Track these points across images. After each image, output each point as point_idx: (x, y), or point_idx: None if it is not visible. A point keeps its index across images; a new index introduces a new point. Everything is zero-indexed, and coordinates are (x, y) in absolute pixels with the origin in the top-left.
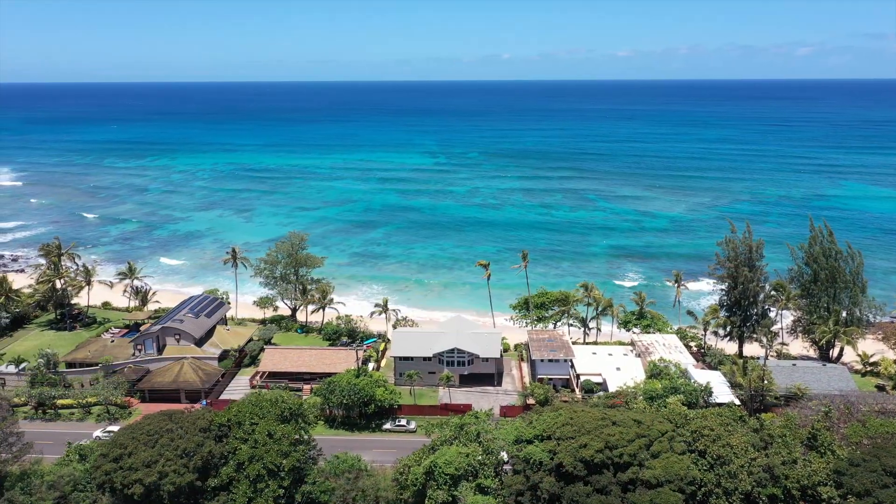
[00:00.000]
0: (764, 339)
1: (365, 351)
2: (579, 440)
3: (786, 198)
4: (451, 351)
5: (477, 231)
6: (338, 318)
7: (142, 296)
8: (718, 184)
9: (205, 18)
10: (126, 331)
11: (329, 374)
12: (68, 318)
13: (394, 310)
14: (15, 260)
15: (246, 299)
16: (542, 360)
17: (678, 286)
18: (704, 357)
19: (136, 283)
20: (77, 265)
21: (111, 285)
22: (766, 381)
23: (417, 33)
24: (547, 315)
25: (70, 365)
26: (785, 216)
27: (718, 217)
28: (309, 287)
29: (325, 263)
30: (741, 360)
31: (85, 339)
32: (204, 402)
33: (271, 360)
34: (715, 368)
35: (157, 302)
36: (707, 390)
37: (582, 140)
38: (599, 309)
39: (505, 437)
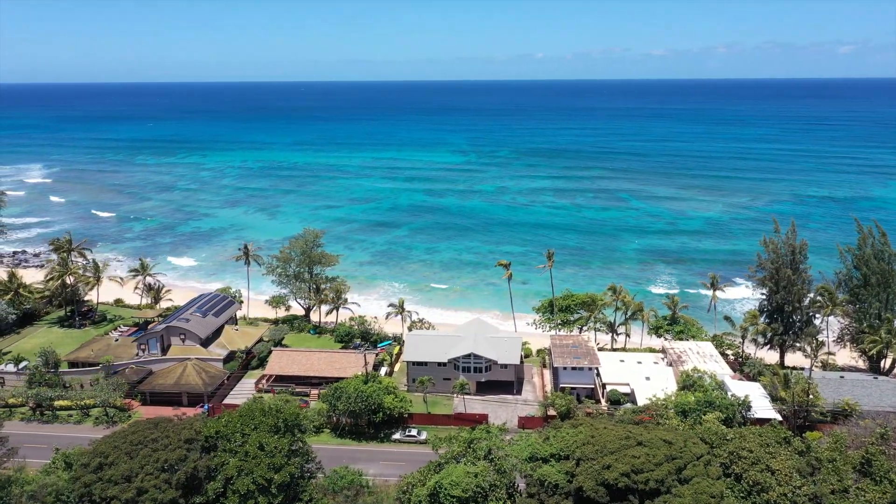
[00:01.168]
0: (808, 349)
1: (378, 355)
2: (601, 461)
3: (829, 198)
4: (468, 356)
5: (504, 230)
6: (351, 318)
7: (154, 293)
8: (757, 184)
9: (242, 20)
10: (135, 329)
11: (339, 379)
12: (78, 315)
13: (410, 311)
14: (36, 255)
15: (259, 298)
16: (564, 368)
17: (714, 290)
18: (742, 367)
19: (148, 279)
20: (87, 261)
21: (121, 282)
22: (811, 396)
23: (451, 33)
24: (572, 319)
25: (72, 364)
26: (828, 217)
27: (757, 218)
28: (323, 286)
29: (346, 262)
30: (783, 371)
31: (92, 337)
32: (206, 406)
33: (278, 362)
34: (754, 380)
35: (170, 300)
36: (745, 404)
37: (615, 139)
38: (629, 313)
39: (519, 454)
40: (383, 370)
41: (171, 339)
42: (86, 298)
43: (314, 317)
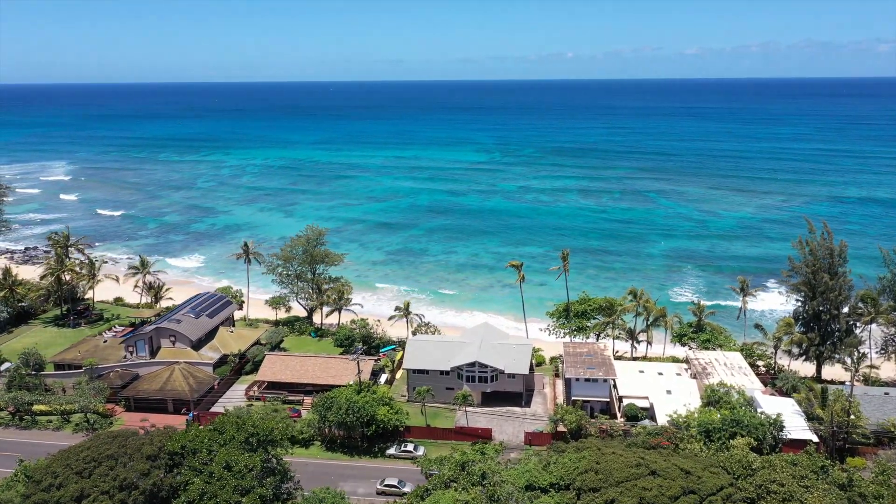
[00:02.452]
0: (848, 361)
1: (379, 360)
2: (605, 494)
3: (869, 199)
4: (472, 365)
5: (524, 230)
6: (352, 321)
7: (154, 292)
8: (792, 184)
9: (275, 21)
10: (130, 330)
11: (334, 387)
12: (73, 314)
13: (416, 314)
14: (47, 252)
15: (262, 298)
16: (577, 379)
17: (744, 295)
18: (774, 380)
19: (148, 278)
20: (84, 258)
21: (118, 279)
22: (852, 416)
23: (484, 33)
24: (588, 325)
25: (58, 367)
26: (868, 219)
27: (791, 219)
28: (325, 286)
29: (359, 261)
30: (819, 386)
31: (86, 336)
32: (190, 414)
33: (271, 368)
34: (787, 395)
35: (171, 299)
36: (777, 424)
37: (645, 137)
38: (650, 319)
39: (516, 480)
40: (384, 377)
41: (161, 341)
42: (87, 297)
43: (316, 319)
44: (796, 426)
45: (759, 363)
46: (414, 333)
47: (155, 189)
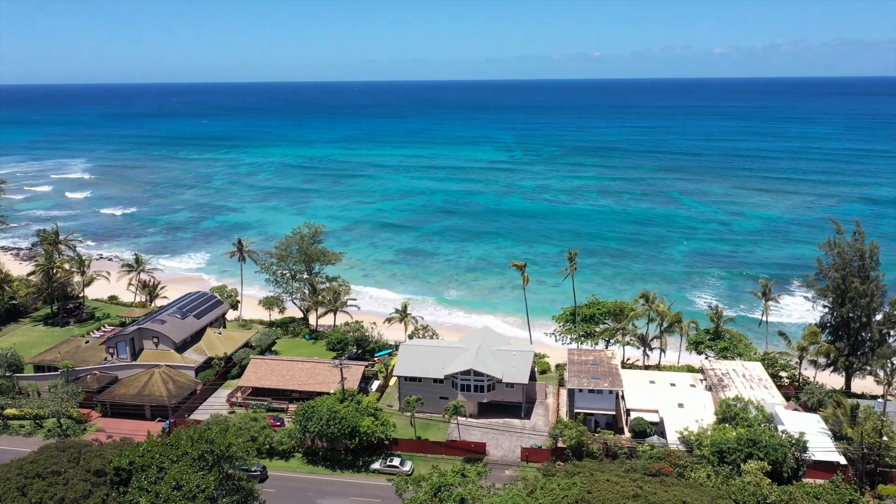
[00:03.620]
0: (881, 374)
1: (372, 365)
2: None
3: None
4: (467, 373)
5: (540, 229)
6: (345, 324)
7: (148, 290)
8: (822, 184)
9: (302, 21)
10: (119, 329)
11: (323, 394)
12: (63, 312)
13: (416, 316)
14: (73, 249)
15: (259, 298)
16: (580, 390)
17: (766, 300)
18: (798, 393)
19: (143, 276)
20: (74, 254)
21: (108, 276)
22: (885, 437)
23: (507, 32)
24: (597, 330)
25: (38, 368)
26: None
27: (821, 220)
28: (320, 286)
29: (367, 260)
30: (849, 402)
31: (70, 336)
32: (168, 421)
33: (255, 373)
34: (813, 410)
35: (166, 297)
36: (800, 444)
37: (669, 136)
38: (664, 325)
39: None
40: (376, 384)
41: (144, 342)
42: (83, 294)
43: (312, 320)
44: (822, 447)
45: (783, 373)
46: (410, 337)
47: (169, 186)
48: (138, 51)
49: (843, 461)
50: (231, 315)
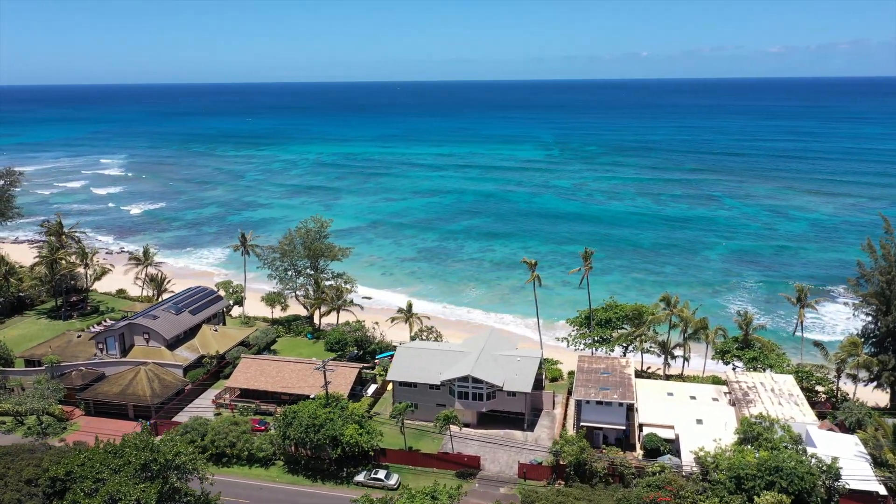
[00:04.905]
0: None
1: (373, 368)
2: None
3: None
4: (464, 379)
5: (572, 228)
6: (346, 323)
7: (156, 284)
8: (876, 186)
9: (350, 23)
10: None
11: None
12: (66, 305)
13: (419, 316)
14: (77, 242)
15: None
16: (587, 402)
17: (801, 306)
18: (835, 411)
19: (150, 269)
20: (78, 246)
21: (111, 268)
22: None
23: (554, 32)
24: (613, 336)
25: (28, 362)
26: None
27: (873, 222)
28: (326, 282)
29: (389, 257)
30: (892, 423)
31: (66, 330)
32: (148, 422)
33: (244, 373)
34: (850, 431)
35: (173, 292)
36: (832, 471)
37: (715, 136)
38: (688, 331)
39: None
40: (372, 388)
41: (135, 338)
42: (90, 287)
43: (316, 318)
44: (859, 473)
45: (819, 388)
46: (413, 338)
47: (203, 181)
48: (189, 53)
49: (882, 491)
50: (236, 312)
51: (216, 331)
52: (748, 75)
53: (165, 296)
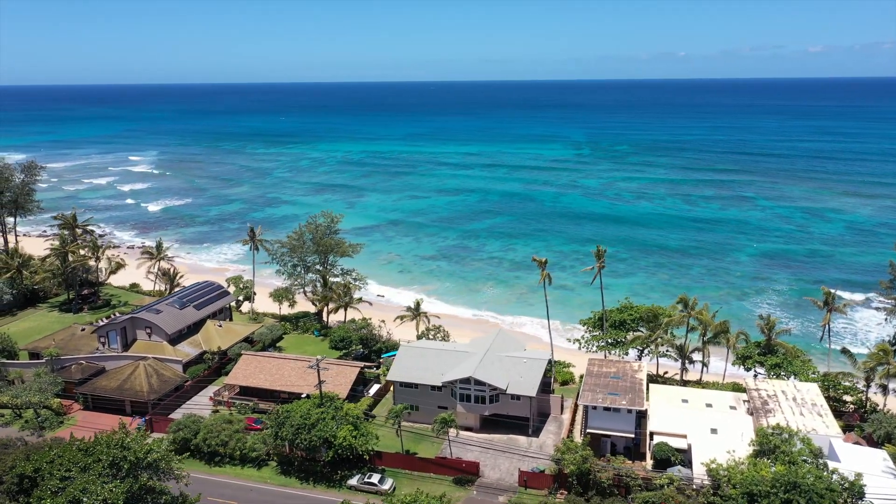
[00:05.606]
0: None
1: (377, 367)
2: None
3: None
4: (466, 381)
5: (597, 228)
6: (352, 321)
7: (168, 278)
8: None
9: (386, 23)
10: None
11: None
12: (78, 298)
13: (428, 315)
14: (101, 236)
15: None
16: (594, 408)
17: (829, 310)
18: (862, 423)
19: (163, 264)
20: (90, 239)
21: (122, 261)
22: None
23: (590, 32)
24: (626, 338)
25: (32, 355)
26: None
27: None
28: (334, 279)
29: (408, 255)
30: None
31: (73, 323)
32: (143, 419)
33: (244, 370)
34: (879, 445)
35: (185, 286)
36: (856, 489)
37: (751, 136)
38: (707, 335)
39: None
40: (375, 388)
41: (137, 332)
42: (105, 281)
43: (325, 315)
44: (886, 491)
45: (847, 397)
46: (419, 337)
47: (229, 178)
48: (227, 53)
49: None
50: (246, 307)
51: (220, 326)
52: (788, 75)
53: (177, 290)
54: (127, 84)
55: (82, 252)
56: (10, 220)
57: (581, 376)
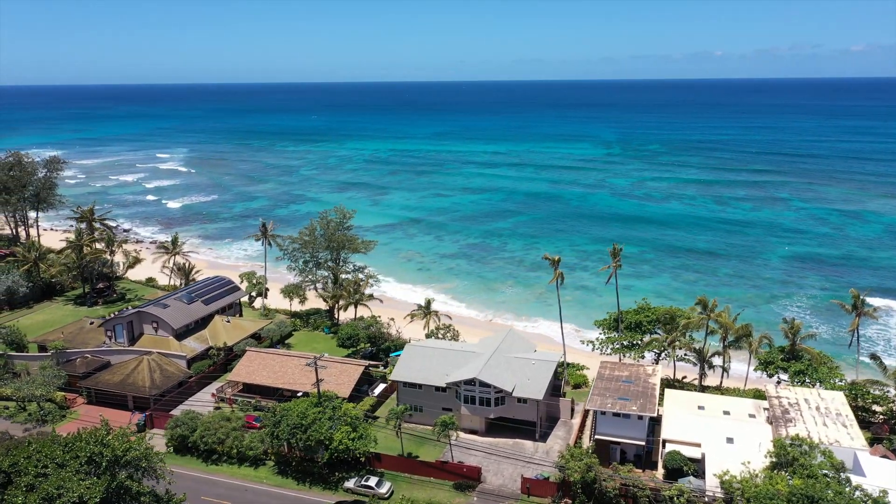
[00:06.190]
0: None
1: (384, 366)
2: None
3: None
4: (471, 382)
5: (623, 228)
6: (360, 318)
7: (183, 273)
8: None
9: (418, 25)
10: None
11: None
12: (92, 292)
13: (439, 313)
14: (127, 231)
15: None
16: (603, 413)
17: (857, 314)
18: (892, 435)
19: (178, 259)
20: (106, 233)
21: (136, 255)
22: None
23: (622, 31)
24: (642, 341)
25: (41, 348)
26: None
27: None
28: (345, 276)
29: (429, 253)
30: None
31: (84, 317)
32: (143, 415)
33: (247, 367)
34: None
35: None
36: None
37: (787, 136)
38: (728, 339)
39: None
40: (380, 388)
41: (144, 326)
42: (122, 275)
43: (336, 313)
44: None
45: (876, 407)
46: (428, 336)
47: (256, 176)
48: (264, 53)
49: None
50: (259, 303)
51: (228, 322)
52: (827, 75)
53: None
54: (163, 84)
55: (98, 246)
56: (33, 214)
57: (594, 380)
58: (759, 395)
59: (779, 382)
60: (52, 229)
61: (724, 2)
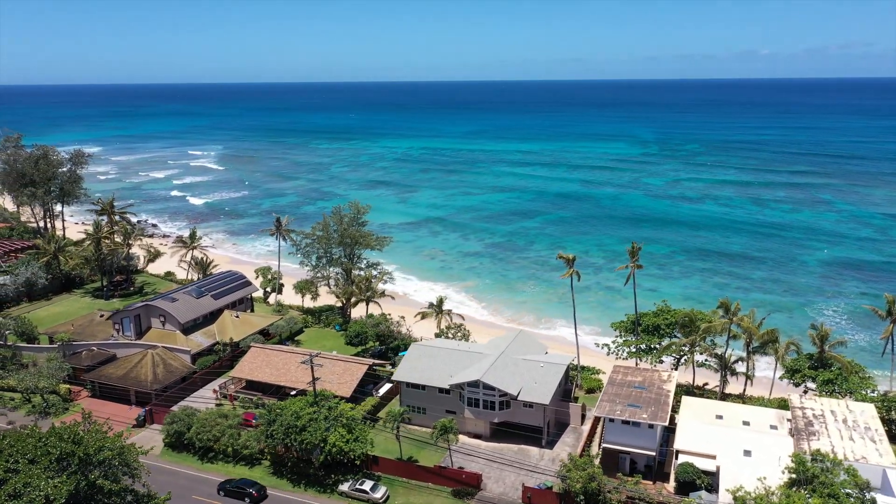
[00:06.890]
0: None
1: (390, 365)
2: None
3: None
4: (475, 384)
5: (655, 228)
6: (370, 316)
7: (201, 267)
8: None
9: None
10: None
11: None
12: (109, 284)
13: (450, 313)
14: (154, 226)
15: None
16: (611, 420)
17: (892, 321)
18: None
19: (196, 253)
20: (124, 226)
21: (150, 248)
22: None
23: (666, 30)
24: (660, 345)
25: (51, 339)
26: None
27: None
28: (359, 272)
29: (452, 251)
30: None
31: (95, 310)
32: (143, 410)
33: (250, 363)
34: None
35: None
36: None
37: (832, 136)
38: (752, 345)
39: None
40: (385, 388)
41: (151, 320)
42: (143, 269)
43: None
44: None
45: None
46: (438, 335)
47: (287, 173)
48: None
49: None
50: (273, 298)
51: (237, 317)
52: (879, 74)
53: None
54: (204, 83)
55: (117, 239)
56: (59, 207)
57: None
58: (783, 405)
59: (805, 392)
60: (82, 223)
61: (772, 1)
